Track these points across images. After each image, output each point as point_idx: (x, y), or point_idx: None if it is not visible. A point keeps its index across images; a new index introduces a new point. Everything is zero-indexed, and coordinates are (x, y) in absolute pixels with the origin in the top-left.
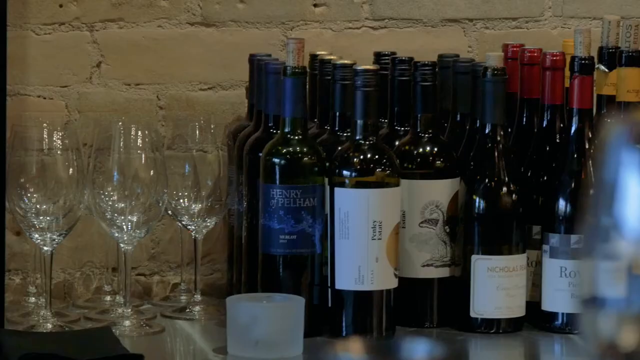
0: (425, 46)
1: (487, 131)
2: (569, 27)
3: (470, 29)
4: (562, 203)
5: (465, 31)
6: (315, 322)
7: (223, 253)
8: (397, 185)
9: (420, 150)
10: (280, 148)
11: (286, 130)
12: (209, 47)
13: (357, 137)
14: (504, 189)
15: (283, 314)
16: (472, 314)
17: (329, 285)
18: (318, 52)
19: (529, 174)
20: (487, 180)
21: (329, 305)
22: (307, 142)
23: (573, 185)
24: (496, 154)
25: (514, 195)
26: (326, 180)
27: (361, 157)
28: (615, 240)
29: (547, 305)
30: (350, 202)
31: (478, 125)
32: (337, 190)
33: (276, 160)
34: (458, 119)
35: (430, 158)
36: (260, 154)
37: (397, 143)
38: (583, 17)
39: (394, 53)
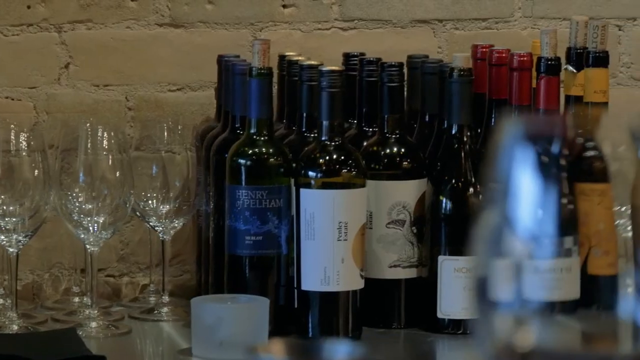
0: (394, 47)
1: (453, 132)
2: (539, 27)
3: (440, 30)
4: None
5: (435, 32)
6: (281, 323)
7: (193, 254)
8: (363, 186)
9: (387, 151)
10: (245, 149)
11: (252, 131)
12: (177, 48)
13: (323, 138)
14: (471, 189)
15: (247, 315)
16: (439, 315)
17: (295, 286)
18: (287, 53)
19: None
20: (453, 181)
21: (295, 306)
22: (272, 143)
23: None
24: (463, 154)
25: (480, 196)
26: (292, 181)
27: (327, 157)
28: (508, 239)
29: None
30: (316, 203)
31: (445, 126)
32: (302, 191)
33: (241, 161)
34: (427, 119)
35: (397, 159)
36: (227, 155)
37: (365, 144)
38: (553, 18)
39: (362, 54)
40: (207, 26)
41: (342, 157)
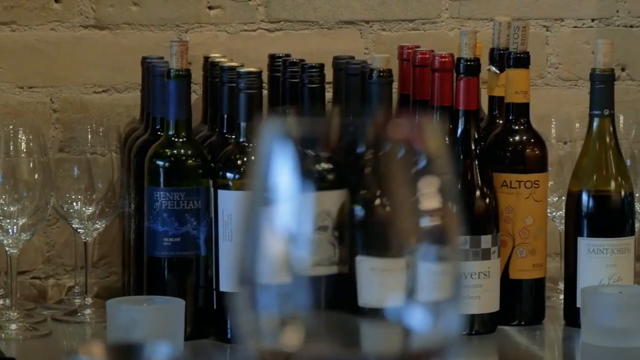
0: (321, 48)
1: None
2: (466, 28)
3: (367, 31)
4: None
5: (362, 33)
6: (200, 324)
7: (118, 256)
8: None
9: None
10: (163, 151)
11: (170, 132)
12: (102, 49)
13: (241, 140)
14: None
15: (162, 317)
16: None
17: (214, 287)
18: (211, 55)
19: None
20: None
21: (214, 307)
22: (191, 145)
23: (459, 186)
24: None
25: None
26: (211, 182)
27: (244, 159)
28: (268, 237)
29: None
30: (234, 204)
31: None
32: (220, 192)
33: (159, 162)
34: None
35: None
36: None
37: None
38: (480, 19)
39: (288, 55)
40: (133, 28)
41: None
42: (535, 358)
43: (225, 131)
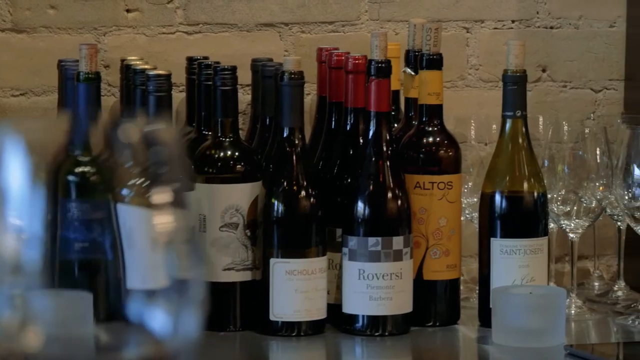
0: (241, 51)
1: (285, 135)
2: (387, 30)
3: (286, 33)
4: (359, 206)
5: (281, 35)
6: None
7: None
8: (191, 189)
9: (221, 154)
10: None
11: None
12: (20, 53)
13: None
14: (302, 192)
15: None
16: (272, 317)
17: None
18: (129, 58)
19: (335, 177)
20: (285, 184)
21: None
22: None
23: (371, 187)
24: (294, 157)
25: (312, 199)
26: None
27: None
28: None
29: (347, 307)
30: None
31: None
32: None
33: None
34: (267, 122)
35: (230, 162)
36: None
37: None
38: (400, 21)
39: (206, 58)
40: (50, 31)
41: None
42: (446, 358)
43: None
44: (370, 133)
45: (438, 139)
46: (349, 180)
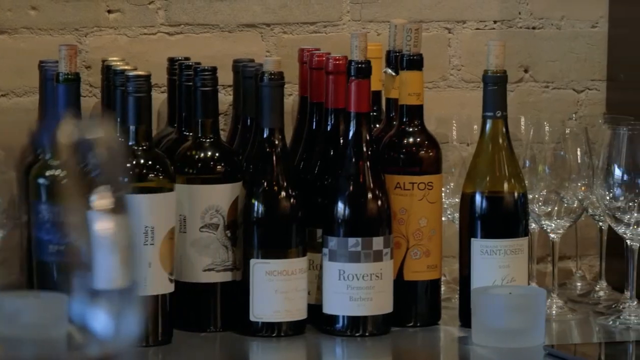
0: (223, 51)
1: (265, 135)
2: (367, 31)
3: (268, 34)
4: (339, 206)
5: (263, 36)
6: None
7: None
8: (171, 190)
9: (201, 155)
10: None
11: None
12: (1, 54)
13: (130, 143)
14: (282, 193)
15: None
16: (252, 318)
17: None
18: (109, 59)
19: (315, 177)
20: (264, 185)
21: None
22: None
23: (351, 188)
24: (274, 158)
25: (292, 200)
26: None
27: (133, 162)
28: None
29: (328, 308)
30: None
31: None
32: None
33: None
34: (248, 123)
35: (211, 163)
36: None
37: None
38: (382, 21)
39: (187, 58)
40: (31, 32)
41: (149, 162)
42: (426, 358)
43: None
44: (351, 133)
45: (418, 139)
46: (329, 181)
